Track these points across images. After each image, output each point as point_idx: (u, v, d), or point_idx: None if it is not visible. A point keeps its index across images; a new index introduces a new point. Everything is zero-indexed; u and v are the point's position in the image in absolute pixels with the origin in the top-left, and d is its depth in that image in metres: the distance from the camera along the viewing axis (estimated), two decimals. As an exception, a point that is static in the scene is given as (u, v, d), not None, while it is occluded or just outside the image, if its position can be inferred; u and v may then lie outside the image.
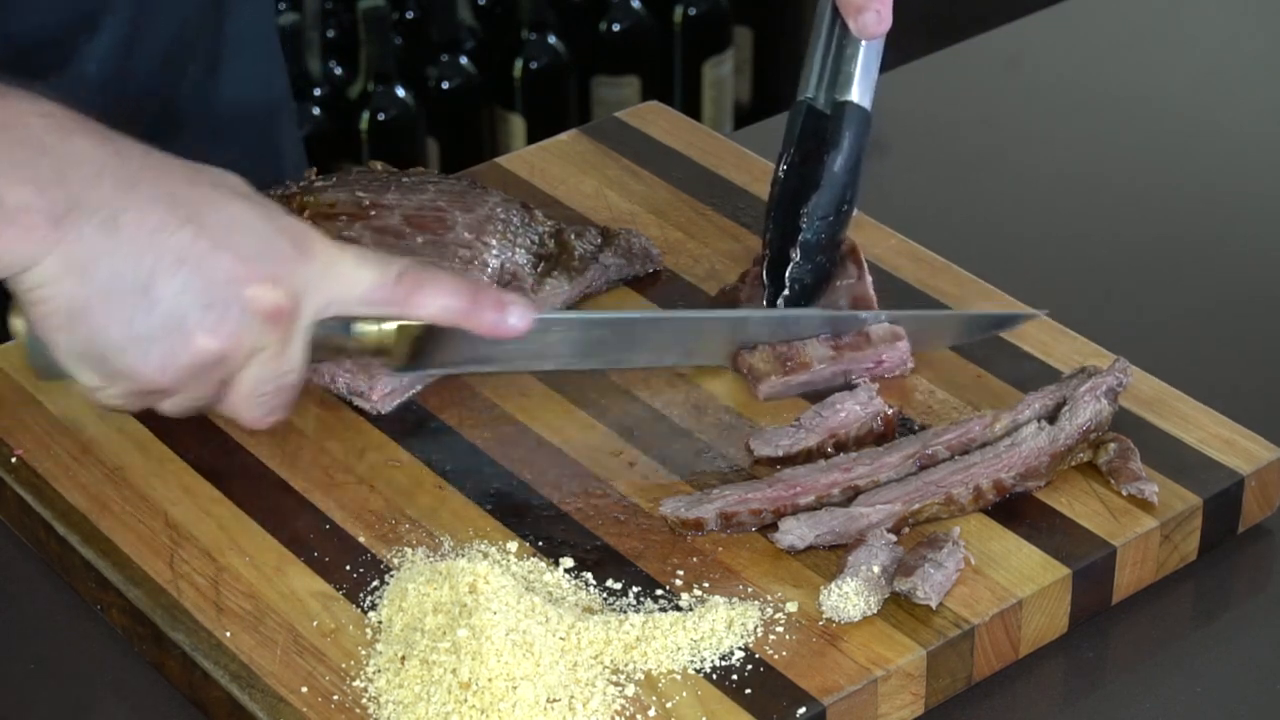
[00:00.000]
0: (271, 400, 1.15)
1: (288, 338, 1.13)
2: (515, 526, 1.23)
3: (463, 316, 1.18)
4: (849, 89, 1.34)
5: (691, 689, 1.13)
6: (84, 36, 1.44)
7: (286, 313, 1.12)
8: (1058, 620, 1.20)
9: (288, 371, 1.14)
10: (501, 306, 1.18)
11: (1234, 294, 1.50)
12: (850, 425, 1.27)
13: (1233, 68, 1.80)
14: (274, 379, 1.14)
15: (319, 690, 1.13)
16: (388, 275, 1.16)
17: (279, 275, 1.12)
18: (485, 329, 1.18)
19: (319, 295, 1.14)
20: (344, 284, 1.15)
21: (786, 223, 1.35)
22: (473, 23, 2.79)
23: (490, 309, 1.18)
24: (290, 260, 1.13)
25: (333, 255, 1.15)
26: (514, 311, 1.18)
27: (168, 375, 1.11)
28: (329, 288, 1.14)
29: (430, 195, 1.41)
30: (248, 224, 1.12)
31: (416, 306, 1.17)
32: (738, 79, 3.00)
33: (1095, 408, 1.25)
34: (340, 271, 1.15)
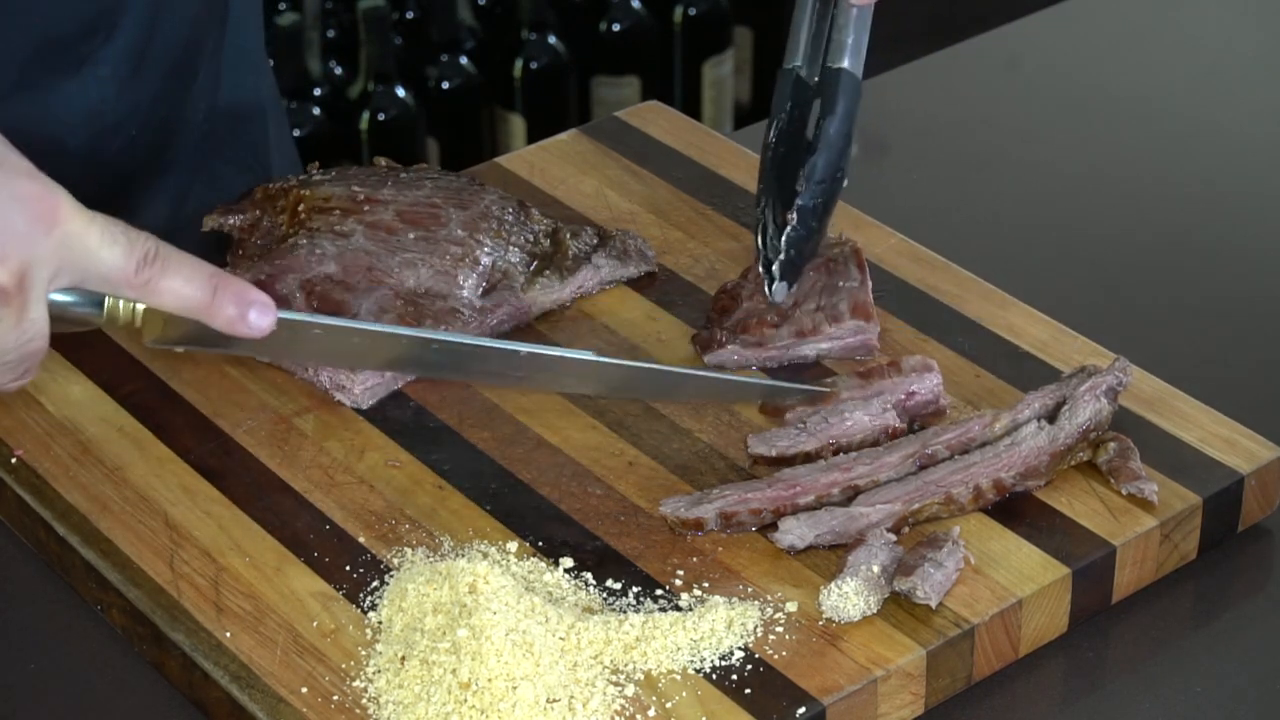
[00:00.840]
0: (15, 367, 1.11)
1: (20, 310, 1.09)
2: (515, 526, 1.23)
3: (201, 310, 1.13)
4: (841, 57, 1.34)
5: (691, 689, 1.13)
6: (99, 39, 1.44)
7: (10, 291, 1.08)
8: (1058, 620, 1.20)
9: (29, 340, 1.10)
10: (243, 303, 1.13)
11: (1234, 294, 1.50)
12: (854, 435, 1.27)
13: (1232, 68, 1.80)
14: (14, 348, 1.10)
15: (319, 690, 1.13)
16: (131, 258, 1.11)
17: (4, 252, 1.07)
18: (224, 325, 1.13)
19: (53, 266, 1.09)
20: (84, 260, 1.10)
21: (780, 189, 1.35)
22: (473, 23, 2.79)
23: (231, 304, 1.13)
24: (19, 234, 1.08)
25: (75, 228, 1.10)
26: (255, 310, 1.13)
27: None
28: (66, 260, 1.10)
29: (426, 191, 1.41)
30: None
31: (155, 294, 1.12)
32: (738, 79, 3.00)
33: (1095, 407, 1.25)
34: (82, 246, 1.10)
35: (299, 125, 2.57)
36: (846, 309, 1.35)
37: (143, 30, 1.46)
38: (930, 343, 1.37)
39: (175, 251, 1.12)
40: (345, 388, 1.32)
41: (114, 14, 1.44)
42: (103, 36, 1.44)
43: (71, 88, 1.43)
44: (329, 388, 1.33)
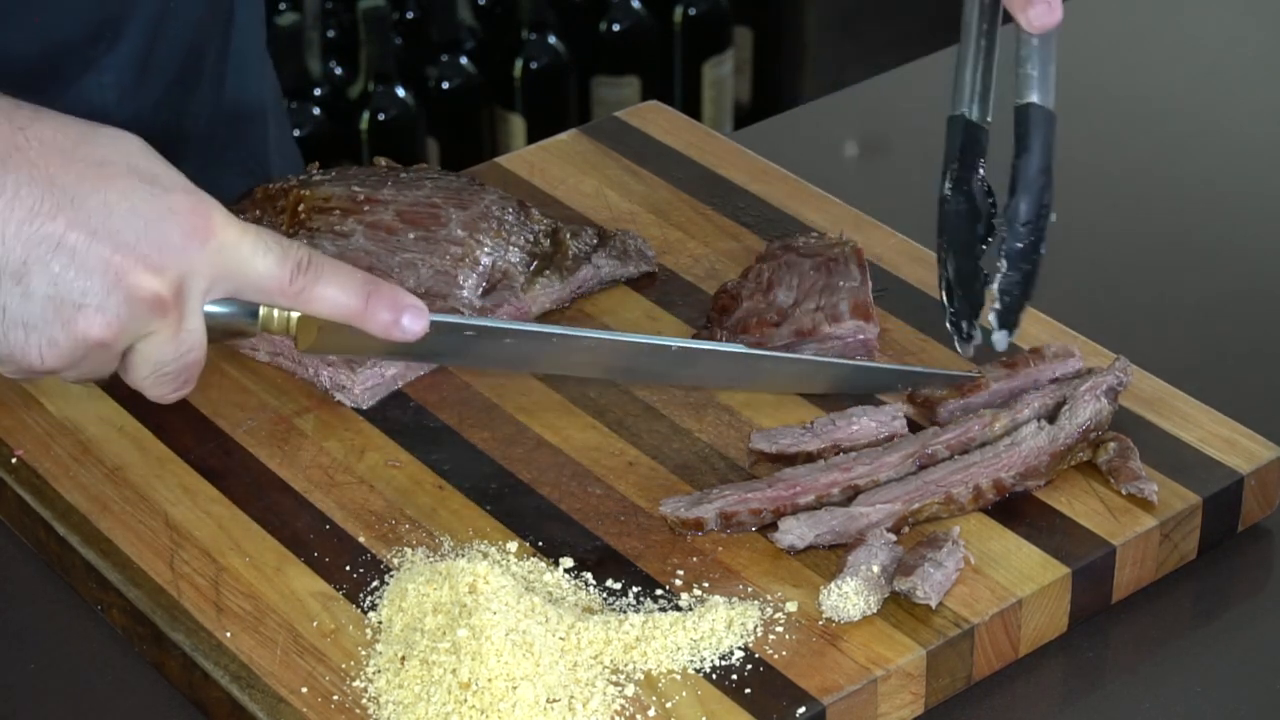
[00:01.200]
0: (175, 378, 1.12)
1: (179, 321, 1.10)
2: (515, 526, 1.23)
3: (355, 316, 1.14)
4: (1029, 91, 1.31)
5: (691, 689, 1.13)
6: (103, 45, 1.44)
7: (168, 302, 1.09)
8: (1057, 620, 1.20)
9: (187, 351, 1.11)
10: (397, 308, 1.14)
11: (1234, 294, 1.50)
12: (859, 439, 1.27)
13: (1233, 68, 1.80)
14: (173, 359, 1.11)
15: (319, 690, 1.13)
16: (285, 267, 1.12)
17: (162, 264, 1.08)
18: (378, 330, 1.14)
19: (209, 278, 1.10)
20: (239, 270, 1.11)
21: (964, 241, 1.30)
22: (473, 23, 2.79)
23: (385, 309, 1.14)
24: (175, 247, 1.09)
25: (230, 239, 1.11)
26: (409, 314, 1.14)
27: (50, 360, 1.08)
28: (222, 271, 1.11)
29: (426, 191, 1.41)
30: (131, 207, 1.08)
31: (310, 302, 1.13)
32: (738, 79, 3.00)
33: (1095, 407, 1.25)
34: (237, 257, 1.11)
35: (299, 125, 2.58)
36: (846, 309, 1.35)
37: (147, 37, 1.46)
38: (930, 343, 1.37)
39: (328, 260, 1.14)
40: (345, 388, 1.32)
41: (118, 21, 1.44)
42: (107, 43, 1.44)
43: (75, 94, 1.43)
44: (329, 388, 1.33)
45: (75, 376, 1.12)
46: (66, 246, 1.06)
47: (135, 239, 1.07)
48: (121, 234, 1.07)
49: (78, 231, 1.06)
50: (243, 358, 1.36)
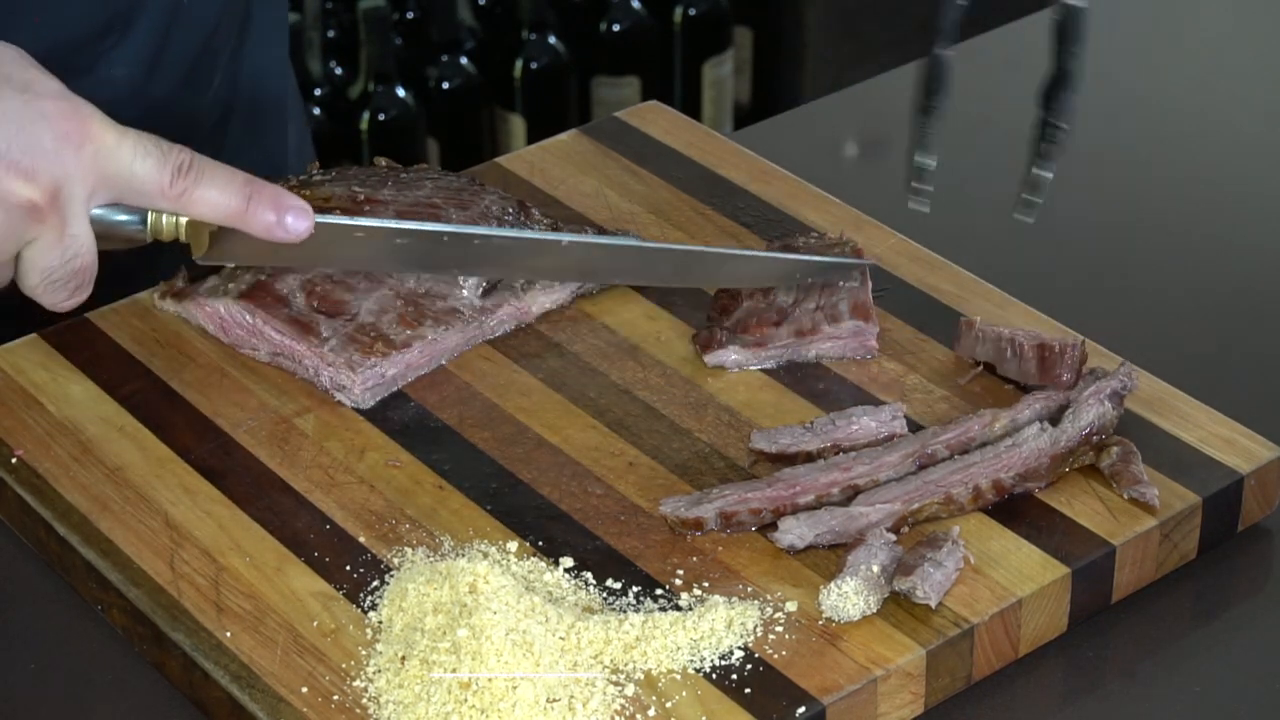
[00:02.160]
0: (67, 283, 1.13)
1: (59, 225, 1.10)
2: (515, 526, 1.23)
3: (237, 217, 1.14)
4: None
5: (691, 688, 1.13)
6: (114, 39, 1.44)
7: (42, 207, 1.09)
8: (1057, 620, 1.20)
9: (73, 257, 1.11)
10: (280, 208, 1.14)
11: (1234, 293, 1.50)
12: (859, 440, 1.27)
13: (1234, 67, 1.80)
14: (60, 265, 1.11)
15: (319, 690, 1.13)
16: (165, 169, 1.12)
17: (33, 169, 1.08)
18: (261, 230, 1.14)
19: (88, 182, 1.10)
20: (118, 174, 1.11)
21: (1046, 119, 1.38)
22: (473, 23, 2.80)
23: (268, 209, 1.14)
24: (49, 152, 1.09)
25: (108, 143, 1.11)
26: (292, 213, 1.14)
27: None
28: (100, 175, 1.11)
29: (426, 192, 1.41)
30: (3, 114, 1.09)
31: (191, 204, 1.13)
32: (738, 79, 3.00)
33: (1099, 411, 1.25)
34: (115, 160, 1.11)
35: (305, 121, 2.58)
36: (846, 309, 1.35)
37: (158, 33, 1.46)
38: (930, 343, 1.37)
39: (210, 162, 1.13)
40: (345, 388, 1.32)
41: (128, 16, 1.44)
42: (116, 37, 1.44)
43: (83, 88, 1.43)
44: (329, 388, 1.33)
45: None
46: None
47: (5, 146, 1.08)
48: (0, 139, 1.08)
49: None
50: (243, 358, 1.36)
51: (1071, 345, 1.30)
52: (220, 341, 1.37)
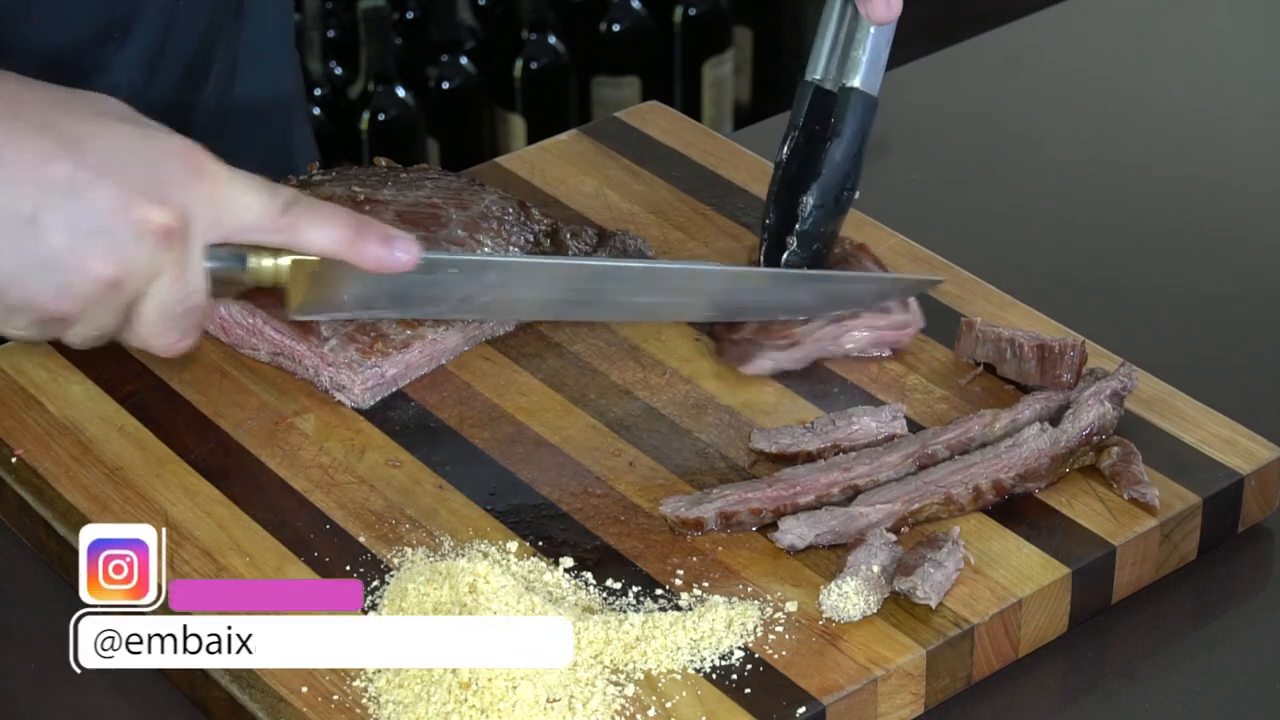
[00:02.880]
0: (180, 324, 1.14)
1: (183, 259, 1.12)
2: (515, 526, 1.23)
3: (347, 248, 1.16)
4: (855, 74, 1.34)
5: (691, 689, 1.13)
6: (114, 45, 1.44)
7: (176, 232, 1.11)
8: (1058, 620, 1.20)
9: (191, 293, 1.13)
10: (387, 240, 1.16)
11: (1234, 293, 1.50)
12: (859, 440, 1.27)
13: (1233, 66, 1.80)
14: (179, 301, 1.13)
15: (319, 690, 1.13)
16: (275, 202, 1.15)
17: (165, 197, 1.11)
18: (370, 263, 1.16)
19: (207, 218, 1.12)
20: (232, 208, 1.13)
21: (786, 208, 1.35)
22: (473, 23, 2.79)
23: (375, 242, 1.16)
24: (176, 183, 1.12)
25: (221, 179, 1.13)
26: (400, 245, 1.17)
27: (66, 303, 1.10)
28: (217, 211, 1.13)
29: (426, 192, 1.41)
30: (130, 149, 1.12)
31: (302, 236, 1.15)
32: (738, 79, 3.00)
33: (1099, 411, 1.25)
34: (228, 195, 1.13)
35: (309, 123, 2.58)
36: None
37: (157, 35, 1.46)
38: (930, 343, 1.37)
39: (315, 200, 1.16)
40: (345, 388, 1.32)
41: (128, 20, 1.44)
42: (116, 43, 1.44)
43: None
44: (329, 388, 1.33)
45: (86, 331, 1.13)
46: (75, 187, 1.09)
47: (138, 176, 1.10)
48: (125, 171, 1.10)
49: (84, 172, 1.09)
50: (243, 358, 1.36)
51: (1071, 346, 1.30)
52: (220, 341, 1.37)
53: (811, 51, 1.36)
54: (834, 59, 1.36)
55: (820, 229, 1.35)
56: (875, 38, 1.34)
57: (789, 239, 1.35)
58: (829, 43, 1.36)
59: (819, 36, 1.36)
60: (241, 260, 1.16)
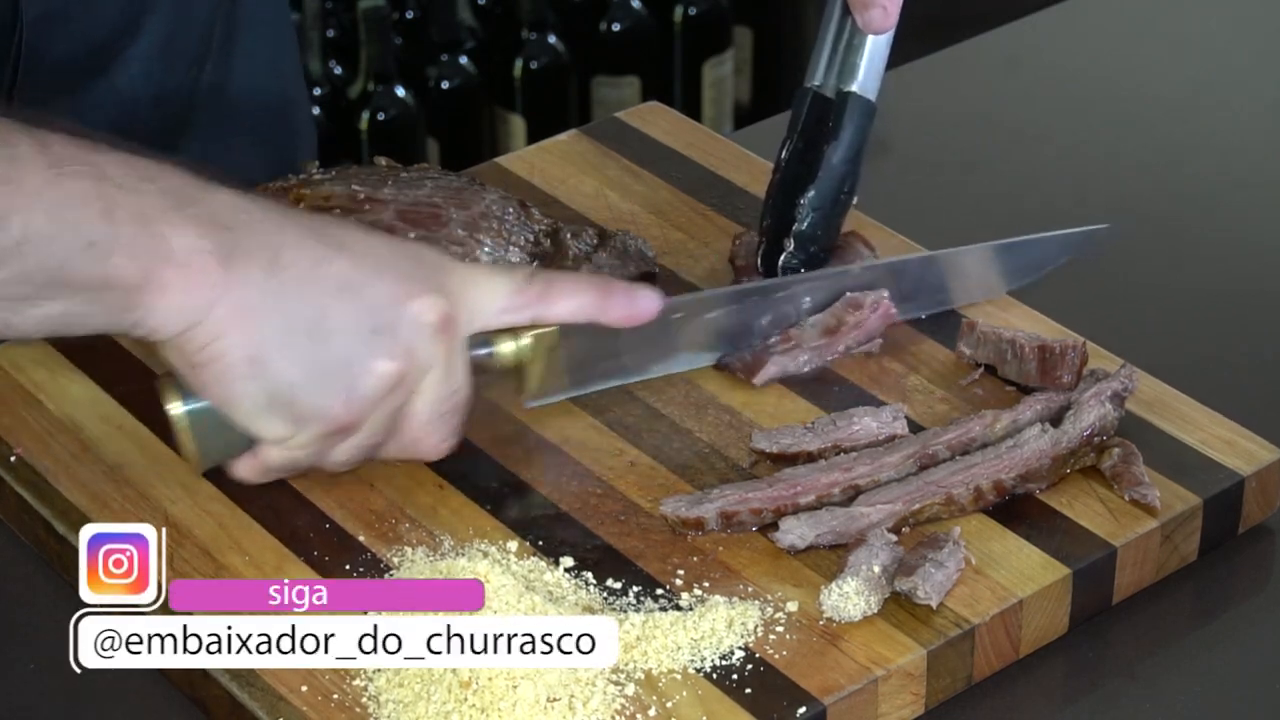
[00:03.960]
0: (450, 418, 1.16)
1: (452, 350, 1.14)
2: (515, 526, 1.23)
3: (595, 309, 1.19)
4: (853, 80, 1.35)
5: (691, 688, 1.13)
6: (127, 40, 1.44)
7: (453, 320, 1.13)
8: (1058, 620, 1.20)
9: (457, 389, 1.16)
10: (630, 293, 1.20)
11: (1235, 294, 1.50)
12: (860, 439, 1.27)
13: (1232, 67, 1.80)
14: (448, 397, 1.15)
15: (318, 689, 1.13)
16: (518, 278, 1.18)
17: (439, 287, 1.13)
18: (618, 318, 1.20)
19: (469, 306, 1.15)
20: (482, 295, 1.16)
21: (783, 211, 1.36)
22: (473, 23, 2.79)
23: (620, 296, 1.20)
24: (438, 274, 1.14)
25: (467, 269, 1.17)
26: (644, 295, 1.21)
27: (353, 407, 1.12)
28: (475, 298, 1.16)
29: (427, 191, 1.41)
30: (390, 248, 1.15)
31: (551, 306, 1.18)
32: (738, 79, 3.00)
33: (1099, 412, 1.25)
34: (477, 279, 1.16)
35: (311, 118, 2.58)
36: None
37: (169, 24, 1.47)
38: (931, 343, 1.37)
39: (552, 272, 1.22)
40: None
41: (143, 13, 1.45)
42: (130, 37, 1.45)
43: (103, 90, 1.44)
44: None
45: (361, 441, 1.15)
46: (354, 283, 1.11)
47: (409, 269, 1.13)
48: (396, 267, 1.13)
49: (360, 271, 1.11)
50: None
51: (1072, 347, 1.30)
52: (220, 340, 1.37)
53: (811, 58, 1.37)
54: (833, 66, 1.36)
55: (817, 231, 1.35)
56: (874, 44, 1.35)
57: (786, 241, 1.35)
58: (828, 50, 1.37)
59: (818, 43, 1.37)
60: (488, 347, 1.19)
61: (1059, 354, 1.30)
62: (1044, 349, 1.30)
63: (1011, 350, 1.31)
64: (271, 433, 1.13)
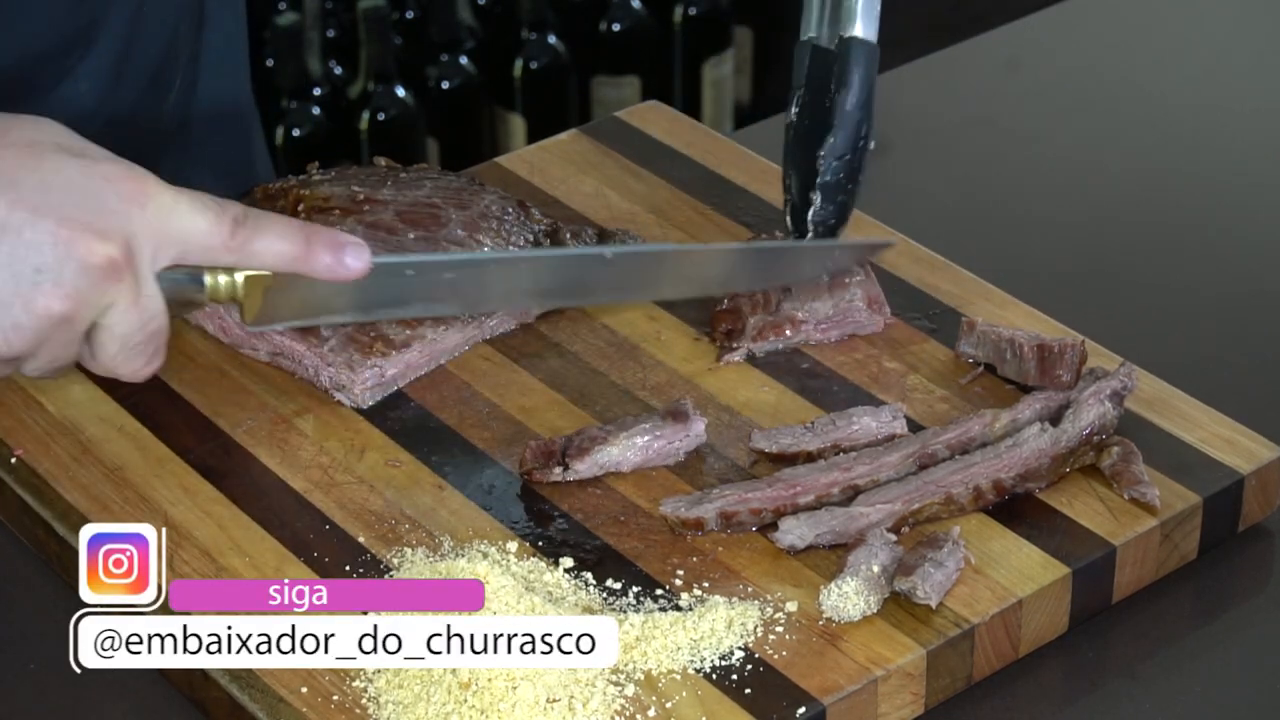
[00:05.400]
0: (143, 350, 1.13)
1: (134, 288, 1.10)
2: (515, 526, 1.23)
3: (298, 260, 1.15)
4: (852, 24, 1.34)
5: (691, 689, 1.13)
6: (78, 53, 1.44)
7: (120, 264, 1.09)
8: (1058, 620, 1.20)
9: (150, 319, 1.12)
10: (338, 248, 1.15)
11: (1235, 293, 1.50)
12: (859, 439, 1.27)
13: (1232, 67, 1.80)
14: (138, 328, 1.12)
15: (318, 690, 1.13)
16: (223, 221, 1.13)
17: (106, 229, 1.09)
18: (322, 271, 1.15)
19: (153, 242, 1.11)
20: (179, 231, 1.12)
21: (804, 165, 1.35)
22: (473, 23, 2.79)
23: (326, 251, 1.15)
24: (116, 212, 1.10)
25: (166, 202, 1.12)
26: (350, 253, 1.15)
27: (16, 344, 1.09)
28: (164, 236, 1.11)
29: (426, 191, 1.41)
30: (67, 181, 1.10)
31: (252, 253, 1.14)
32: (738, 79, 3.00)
33: (1099, 411, 1.25)
34: (175, 219, 1.12)
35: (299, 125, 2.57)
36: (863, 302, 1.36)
37: (122, 41, 1.46)
38: (929, 343, 1.37)
39: (264, 213, 1.15)
40: (345, 387, 1.32)
41: (91, 28, 1.44)
42: (81, 52, 1.44)
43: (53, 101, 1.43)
44: (329, 387, 1.33)
45: (43, 365, 1.12)
46: (12, 227, 1.08)
47: (77, 209, 1.09)
48: (63, 206, 1.09)
49: (20, 210, 1.08)
50: (243, 358, 1.36)
51: (1071, 345, 1.30)
52: (220, 341, 1.37)
53: (803, 12, 1.36)
54: (825, 14, 1.36)
55: (842, 180, 1.35)
56: None
57: (812, 194, 1.35)
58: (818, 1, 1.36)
59: None
60: (198, 280, 1.15)
61: (1058, 353, 1.30)
62: (1043, 348, 1.30)
63: (1011, 349, 1.31)
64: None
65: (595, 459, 1.25)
